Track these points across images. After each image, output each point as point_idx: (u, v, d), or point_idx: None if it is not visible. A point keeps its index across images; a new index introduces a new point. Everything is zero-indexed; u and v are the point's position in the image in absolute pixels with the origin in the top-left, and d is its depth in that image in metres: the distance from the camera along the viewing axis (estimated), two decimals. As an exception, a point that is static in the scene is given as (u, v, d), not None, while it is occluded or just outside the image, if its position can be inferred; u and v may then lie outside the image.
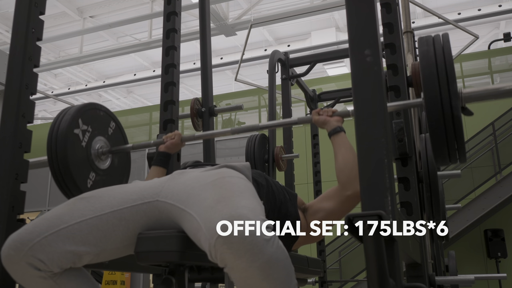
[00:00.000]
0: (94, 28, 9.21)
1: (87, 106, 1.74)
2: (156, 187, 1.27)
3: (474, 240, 6.33)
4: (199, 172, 1.30)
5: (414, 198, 1.67)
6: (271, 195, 1.41)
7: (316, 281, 3.80)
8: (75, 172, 1.62)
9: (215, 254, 1.00)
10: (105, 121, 1.82)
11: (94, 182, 1.70)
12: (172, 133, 1.80)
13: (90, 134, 1.72)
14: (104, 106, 1.85)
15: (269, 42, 10.26)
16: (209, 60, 2.64)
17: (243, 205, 1.06)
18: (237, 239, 0.97)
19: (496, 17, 8.29)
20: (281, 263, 1.01)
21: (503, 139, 6.44)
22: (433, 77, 1.28)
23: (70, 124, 1.62)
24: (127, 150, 1.86)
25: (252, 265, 0.97)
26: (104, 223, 1.19)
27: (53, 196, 8.26)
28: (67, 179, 1.60)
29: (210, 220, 1.04)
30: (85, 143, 1.69)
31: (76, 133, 1.65)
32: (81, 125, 1.68)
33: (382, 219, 0.85)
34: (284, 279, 1.01)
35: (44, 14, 1.67)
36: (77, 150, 1.65)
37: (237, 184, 1.19)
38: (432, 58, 1.31)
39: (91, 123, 1.73)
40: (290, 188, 3.40)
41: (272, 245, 1.00)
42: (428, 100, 1.28)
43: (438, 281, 1.93)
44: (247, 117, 8.61)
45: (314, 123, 1.61)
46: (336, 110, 1.61)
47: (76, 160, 1.63)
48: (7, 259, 1.13)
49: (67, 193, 1.64)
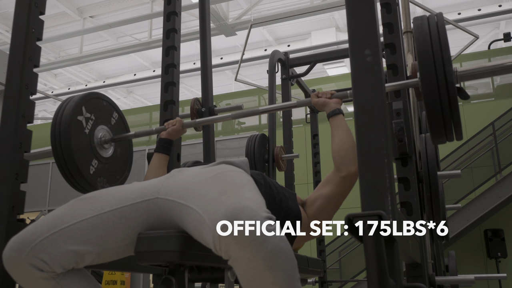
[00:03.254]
0: (94, 28, 9.21)
1: (91, 94, 1.77)
2: (156, 185, 1.28)
3: (474, 240, 6.33)
4: (197, 169, 1.31)
5: (414, 198, 1.67)
6: (270, 194, 1.41)
7: (316, 281, 3.80)
8: (78, 158, 1.64)
9: (219, 245, 1.01)
10: (108, 111, 1.85)
11: (96, 169, 1.73)
12: (174, 120, 1.82)
13: (93, 122, 1.75)
14: (107, 97, 1.87)
15: (269, 42, 10.26)
16: (209, 60, 2.64)
17: (247, 197, 1.07)
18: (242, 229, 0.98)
19: (496, 17, 8.29)
20: (285, 254, 1.01)
21: (503, 139, 6.44)
22: (429, 57, 1.30)
23: (74, 111, 1.65)
24: (130, 137, 1.87)
25: (257, 255, 0.98)
26: (105, 222, 1.19)
27: (53, 196, 8.26)
28: (70, 164, 1.62)
29: (214, 212, 1.05)
30: (88, 130, 1.72)
31: (79, 120, 1.68)
32: (85, 112, 1.71)
33: (382, 219, 0.85)
34: (288, 271, 1.01)
35: (44, 14, 1.68)
36: (80, 136, 1.68)
37: (238, 177, 1.20)
38: (427, 36, 1.33)
39: (94, 111, 1.76)
40: (290, 188, 3.40)
41: (276, 236, 1.00)
42: (424, 78, 1.30)
43: (438, 281, 1.93)
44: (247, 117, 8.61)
45: (313, 105, 1.64)
46: (334, 92, 1.63)
47: (79, 146, 1.66)
48: (9, 261, 1.13)
49: (70, 179, 1.66)
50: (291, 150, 3.41)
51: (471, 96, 7.41)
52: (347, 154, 1.48)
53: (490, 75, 1.41)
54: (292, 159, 3.36)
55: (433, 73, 1.27)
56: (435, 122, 1.33)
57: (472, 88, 7.56)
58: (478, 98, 7.44)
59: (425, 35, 1.33)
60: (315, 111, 4.17)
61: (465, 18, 8.09)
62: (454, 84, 1.28)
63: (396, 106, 1.71)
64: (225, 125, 8.48)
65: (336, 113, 1.57)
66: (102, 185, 1.73)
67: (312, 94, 1.66)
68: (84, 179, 1.65)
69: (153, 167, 1.72)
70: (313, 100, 1.64)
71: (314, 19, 9.39)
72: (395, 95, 1.76)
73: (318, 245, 3.93)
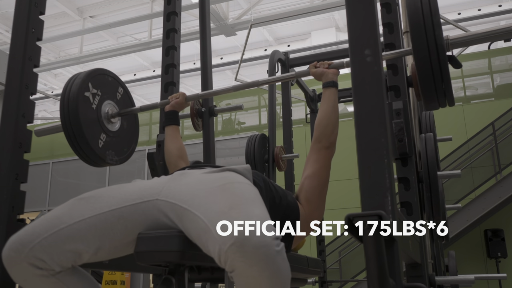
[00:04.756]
0: (94, 28, 9.21)
1: (96, 71, 1.82)
2: (157, 187, 1.27)
3: (474, 240, 6.33)
4: (200, 173, 1.30)
5: (414, 198, 1.67)
6: (270, 195, 1.41)
7: (316, 281, 3.80)
8: (88, 133, 1.70)
9: (225, 259, 1.01)
10: (113, 86, 1.91)
11: (105, 143, 1.79)
12: (177, 93, 1.91)
13: (100, 98, 1.81)
14: (112, 72, 1.92)
15: (269, 42, 10.26)
16: (209, 60, 2.64)
17: (257, 214, 1.08)
18: (252, 248, 0.99)
19: (496, 17, 8.29)
20: (286, 272, 1.04)
21: (503, 139, 6.44)
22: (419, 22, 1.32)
23: (80, 87, 1.71)
24: (135, 112, 1.94)
25: (262, 274, 0.99)
26: (103, 222, 1.19)
27: (53, 196, 8.26)
28: (80, 139, 1.68)
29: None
30: (95, 105, 1.78)
31: (86, 96, 1.74)
32: (91, 88, 1.76)
33: (382, 219, 0.85)
34: (284, 286, 1.04)
35: (44, 14, 1.67)
36: (88, 111, 1.74)
37: (247, 191, 1.20)
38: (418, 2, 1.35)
39: (100, 87, 1.82)
40: (290, 188, 3.41)
41: (281, 256, 1.03)
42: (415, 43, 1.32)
43: (438, 281, 1.93)
44: (247, 117, 8.61)
45: (312, 75, 1.70)
46: (332, 62, 1.68)
47: (88, 121, 1.72)
48: (8, 261, 1.13)
49: (81, 153, 1.73)
50: (291, 150, 3.41)
51: (471, 96, 7.41)
52: (328, 127, 1.55)
53: (482, 41, 1.42)
54: (292, 159, 3.36)
55: (423, 38, 1.30)
56: (426, 86, 1.36)
57: (472, 88, 7.56)
58: (478, 98, 7.44)
59: (416, 2, 1.36)
60: (315, 111, 4.17)
61: (465, 18, 8.08)
62: (444, 47, 1.30)
63: (396, 106, 1.71)
64: (225, 125, 8.48)
65: (330, 85, 1.64)
66: (111, 158, 1.81)
67: (310, 65, 1.72)
68: (94, 153, 1.73)
69: (168, 140, 1.84)
70: (311, 71, 1.70)
71: (314, 19, 9.39)
72: (395, 95, 1.75)
73: (318, 245, 3.92)
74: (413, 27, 1.32)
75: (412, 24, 1.32)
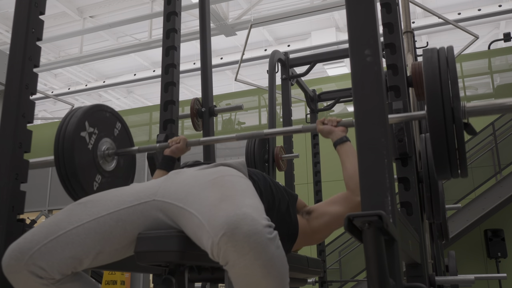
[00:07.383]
0: (94, 28, 9.21)
1: (94, 108, 1.75)
2: (153, 187, 1.28)
3: (474, 240, 6.33)
4: (194, 170, 1.31)
5: (414, 198, 1.67)
6: (269, 195, 1.41)
7: (316, 281, 3.80)
8: (82, 175, 1.63)
9: (218, 252, 1.01)
10: (111, 122, 1.84)
11: (100, 184, 1.72)
12: (178, 138, 1.84)
13: (97, 136, 1.74)
14: (110, 107, 1.86)
15: (269, 42, 10.26)
16: (209, 60, 2.64)
17: (247, 204, 1.08)
18: (242, 237, 0.98)
19: (496, 17, 8.29)
20: (280, 262, 1.03)
21: (503, 139, 6.44)
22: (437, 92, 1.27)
23: (76, 127, 1.64)
24: (133, 153, 1.87)
25: (255, 263, 0.99)
26: (101, 226, 1.19)
27: (53, 196, 8.26)
28: (74, 182, 1.62)
29: (214, 218, 1.05)
30: (91, 145, 1.71)
31: (82, 136, 1.67)
32: (88, 127, 1.70)
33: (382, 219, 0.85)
34: (281, 277, 1.03)
35: (44, 14, 1.67)
36: (84, 153, 1.66)
37: (238, 183, 1.20)
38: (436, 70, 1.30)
39: (97, 125, 1.75)
40: (290, 188, 3.40)
41: (274, 244, 1.02)
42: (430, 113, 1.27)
43: (438, 281, 1.93)
44: (247, 117, 8.60)
45: (319, 132, 1.64)
46: (340, 119, 1.62)
47: (83, 163, 1.65)
48: (8, 269, 1.13)
49: (73, 195, 1.65)
50: (291, 150, 3.41)
51: (471, 96, 7.41)
52: None
53: (498, 112, 1.39)
54: (292, 159, 3.36)
55: (440, 109, 1.24)
56: (440, 157, 1.30)
57: (472, 88, 7.56)
58: (478, 98, 7.44)
59: (434, 68, 1.30)
60: (315, 111, 4.17)
61: (465, 18, 8.08)
62: (461, 120, 1.25)
63: (396, 106, 1.71)
64: (225, 125, 8.48)
65: (344, 141, 1.57)
66: None
67: (317, 121, 1.66)
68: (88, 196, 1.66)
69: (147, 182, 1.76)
70: (318, 128, 1.64)
71: (314, 19, 9.39)
72: (395, 95, 1.75)
73: (318, 245, 3.92)
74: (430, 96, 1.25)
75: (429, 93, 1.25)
